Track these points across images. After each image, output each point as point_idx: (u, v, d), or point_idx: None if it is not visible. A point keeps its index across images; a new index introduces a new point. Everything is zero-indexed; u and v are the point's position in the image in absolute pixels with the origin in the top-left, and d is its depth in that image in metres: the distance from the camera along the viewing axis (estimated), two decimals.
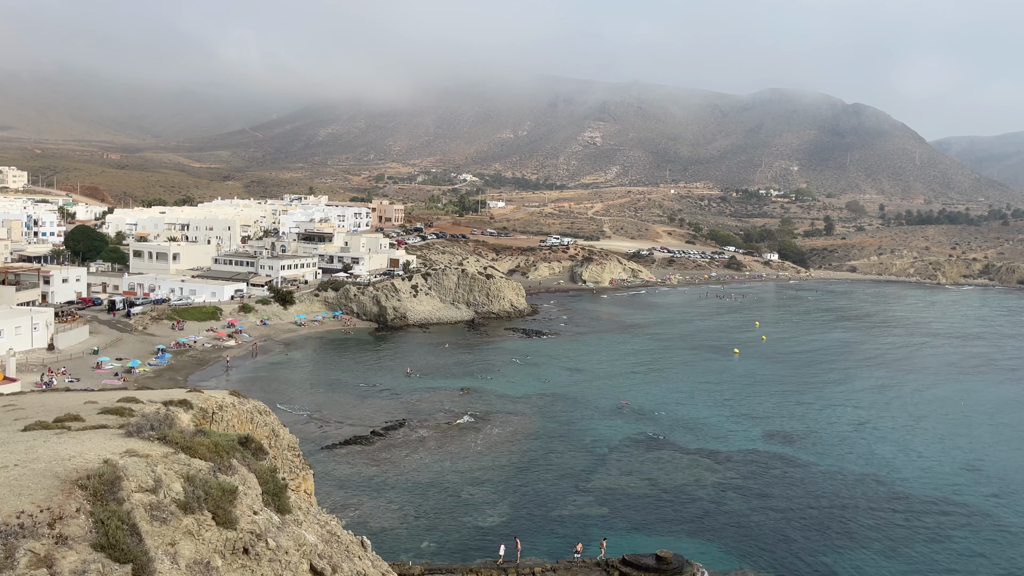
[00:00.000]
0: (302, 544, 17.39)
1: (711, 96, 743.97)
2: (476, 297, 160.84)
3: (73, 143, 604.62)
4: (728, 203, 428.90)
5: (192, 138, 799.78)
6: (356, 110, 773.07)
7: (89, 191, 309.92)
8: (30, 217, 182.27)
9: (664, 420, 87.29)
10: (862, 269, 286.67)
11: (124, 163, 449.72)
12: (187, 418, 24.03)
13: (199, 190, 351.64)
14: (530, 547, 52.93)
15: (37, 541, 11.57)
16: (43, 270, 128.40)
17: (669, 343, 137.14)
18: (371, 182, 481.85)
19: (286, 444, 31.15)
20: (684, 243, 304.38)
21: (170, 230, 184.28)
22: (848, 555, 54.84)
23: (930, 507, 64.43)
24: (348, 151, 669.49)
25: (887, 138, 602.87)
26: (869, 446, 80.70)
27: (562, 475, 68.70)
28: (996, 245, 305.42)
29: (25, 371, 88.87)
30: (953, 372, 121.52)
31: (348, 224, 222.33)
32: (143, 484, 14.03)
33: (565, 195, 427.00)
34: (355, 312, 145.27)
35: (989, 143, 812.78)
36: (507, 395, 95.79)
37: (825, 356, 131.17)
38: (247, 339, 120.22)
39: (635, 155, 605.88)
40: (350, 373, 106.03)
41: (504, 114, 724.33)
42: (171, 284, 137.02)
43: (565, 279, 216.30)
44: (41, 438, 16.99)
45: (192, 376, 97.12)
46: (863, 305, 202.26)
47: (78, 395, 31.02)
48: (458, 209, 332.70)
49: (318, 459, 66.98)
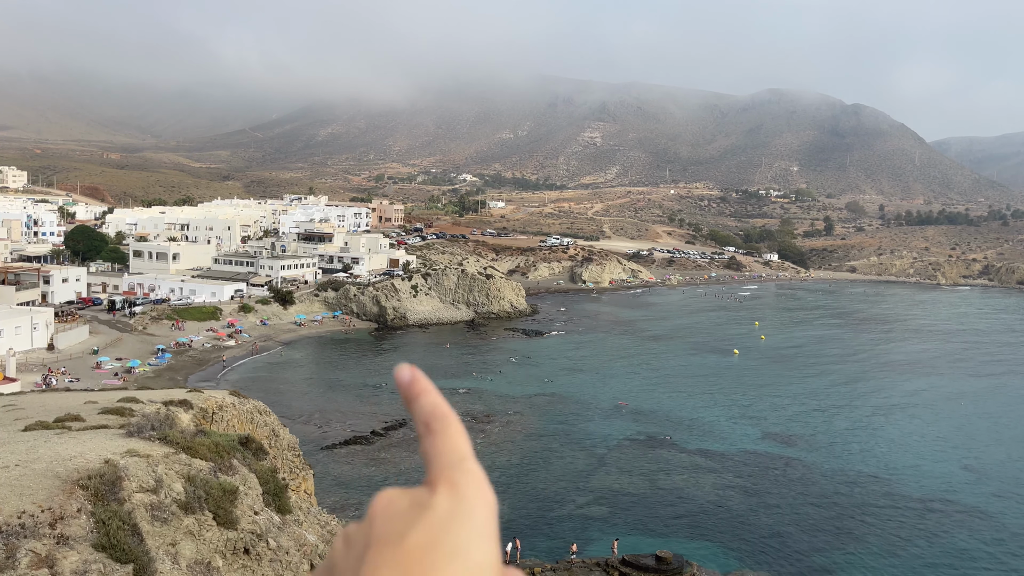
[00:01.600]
0: (303, 544, 17.40)
1: (710, 96, 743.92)
2: (476, 297, 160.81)
3: (73, 143, 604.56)
4: (728, 203, 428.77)
5: (192, 138, 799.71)
6: (355, 110, 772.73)
7: (89, 191, 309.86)
8: (30, 217, 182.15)
9: (664, 420, 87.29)
10: (862, 270, 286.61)
11: (124, 163, 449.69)
12: (187, 418, 24.04)
13: (199, 190, 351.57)
14: (529, 547, 52.96)
15: (38, 541, 11.58)
16: (43, 270, 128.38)
17: (669, 343, 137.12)
18: (371, 182, 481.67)
19: (286, 444, 31.17)
20: (684, 243, 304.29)
21: (170, 230, 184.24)
22: (847, 555, 54.87)
23: (929, 507, 64.44)
24: (348, 151, 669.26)
25: (886, 138, 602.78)
26: (868, 446, 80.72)
27: (561, 475, 68.72)
28: (996, 246, 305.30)
29: (25, 371, 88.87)
30: (952, 372, 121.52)
31: (348, 224, 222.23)
32: (144, 484, 14.04)
33: (565, 195, 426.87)
34: (355, 312, 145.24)
35: (988, 144, 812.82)
36: (507, 395, 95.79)
37: (824, 356, 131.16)
38: (247, 339, 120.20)
39: (635, 155, 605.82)
40: (350, 373, 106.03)
41: (503, 114, 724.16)
42: (171, 284, 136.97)
43: (565, 279, 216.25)
44: (42, 438, 16.98)
45: (192, 376, 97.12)
46: (863, 306, 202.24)
47: (78, 395, 31.04)
48: (458, 209, 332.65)
49: (318, 459, 66.96)
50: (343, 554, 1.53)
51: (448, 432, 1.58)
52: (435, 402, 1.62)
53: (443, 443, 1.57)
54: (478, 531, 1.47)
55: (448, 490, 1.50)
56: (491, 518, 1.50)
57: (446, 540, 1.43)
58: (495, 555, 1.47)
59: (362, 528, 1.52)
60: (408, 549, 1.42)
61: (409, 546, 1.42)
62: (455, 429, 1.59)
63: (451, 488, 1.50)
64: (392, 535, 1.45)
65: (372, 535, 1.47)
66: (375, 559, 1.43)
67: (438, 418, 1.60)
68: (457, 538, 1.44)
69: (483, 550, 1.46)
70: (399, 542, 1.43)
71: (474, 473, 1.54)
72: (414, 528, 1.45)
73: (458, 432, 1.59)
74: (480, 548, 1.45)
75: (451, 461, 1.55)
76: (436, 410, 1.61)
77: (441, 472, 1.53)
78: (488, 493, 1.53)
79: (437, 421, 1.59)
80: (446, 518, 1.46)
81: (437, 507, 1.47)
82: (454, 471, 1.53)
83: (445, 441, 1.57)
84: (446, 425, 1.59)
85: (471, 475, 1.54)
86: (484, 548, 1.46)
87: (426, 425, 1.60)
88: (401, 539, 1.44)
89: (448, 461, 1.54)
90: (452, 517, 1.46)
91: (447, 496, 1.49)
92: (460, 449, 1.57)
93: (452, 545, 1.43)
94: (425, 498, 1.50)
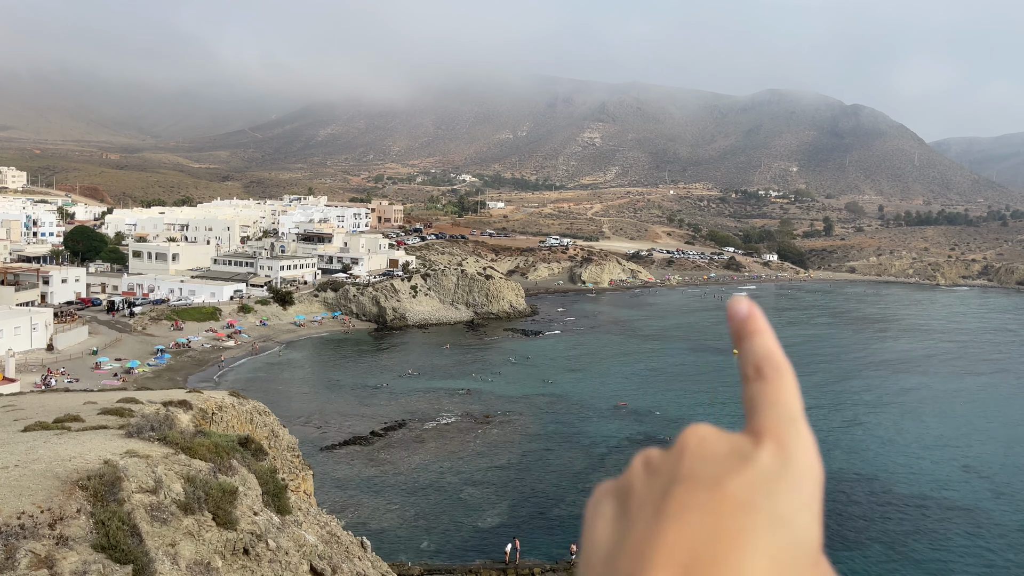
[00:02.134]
0: (302, 545, 17.40)
1: (709, 97, 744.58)
2: (475, 298, 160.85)
3: (72, 143, 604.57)
4: (727, 204, 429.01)
5: (191, 138, 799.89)
6: (355, 110, 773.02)
7: (88, 191, 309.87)
8: (29, 217, 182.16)
9: (663, 420, 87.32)
10: (861, 270, 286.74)
11: (123, 163, 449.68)
12: (187, 419, 24.04)
13: (198, 190, 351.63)
14: (529, 548, 52.98)
15: (38, 542, 11.58)
16: (42, 270, 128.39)
17: (668, 344, 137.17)
18: (370, 183, 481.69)
19: (285, 444, 31.17)
20: (683, 244, 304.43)
21: (169, 230, 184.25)
22: (846, 556, 54.89)
23: (928, 507, 64.47)
24: (347, 151, 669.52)
25: (886, 139, 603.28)
26: (867, 446, 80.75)
27: (561, 475, 68.75)
28: (995, 246, 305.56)
29: (24, 371, 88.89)
30: (951, 372, 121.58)
31: (347, 225, 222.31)
32: (143, 485, 14.04)
33: (564, 196, 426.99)
34: (354, 313, 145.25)
35: (987, 144, 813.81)
36: (506, 395, 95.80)
37: (823, 357, 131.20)
38: (246, 339, 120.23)
39: (634, 156, 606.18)
40: (349, 373, 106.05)
41: (503, 115, 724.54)
42: (170, 284, 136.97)
43: (564, 280, 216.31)
44: (41, 439, 16.99)
45: (191, 377, 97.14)
46: (861, 306, 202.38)
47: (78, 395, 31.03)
48: (457, 210, 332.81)
49: (317, 460, 66.93)
50: (643, 480, 1.34)
51: (783, 383, 1.39)
52: (771, 347, 1.46)
53: (775, 393, 1.37)
54: (805, 502, 1.24)
55: (776, 447, 1.29)
56: (818, 491, 1.28)
57: (769, 503, 1.21)
58: (818, 534, 1.24)
59: (669, 458, 1.34)
60: (725, 498, 1.21)
61: (726, 495, 1.21)
62: (790, 383, 1.40)
63: (779, 446, 1.29)
64: (706, 478, 1.24)
65: (681, 470, 1.28)
66: (684, 498, 1.22)
67: (773, 365, 1.42)
68: (781, 503, 1.22)
69: (808, 525, 1.23)
70: (715, 487, 1.22)
71: (806, 437, 1.32)
72: (733, 477, 1.24)
73: (792, 387, 1.40)
74: (805, 522, 1.23)
75: (781, 416, 1.33)
76: (772, 356, 1.44)
77: (769, 425, 1.32)
78: (818, 463, 1.31)
79: (771, 368, 1.41)
80: (772, 477, 1.24)
81: (762, 462, 1.26)
82: (785, 428, 1.32)
83: (778, 392, 1.37)
84: (781, 375, 1.40)
85: (803, 438, 1.31)
86: (809, 523, 1.23)
87: (757, 368, 1.42)
88: (718, 485, 1.23)
89: (779, 415, 1.34)
90: (778, 478, 1.25)
91: (774, 453, 1.28)
92: (792, 407, 1.36)
93: (775, 510, 1.21)
94: (747, 448, 1.29)
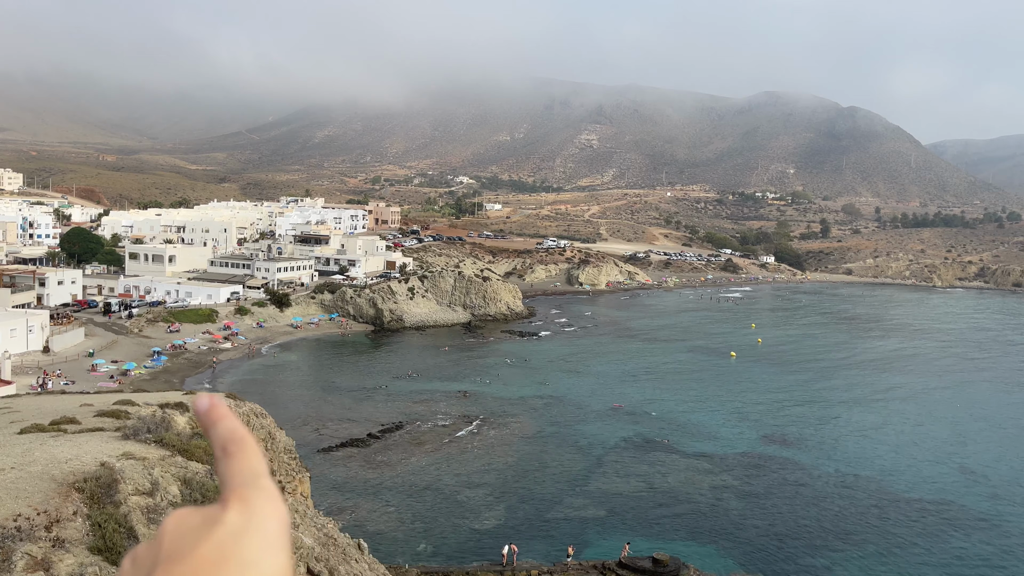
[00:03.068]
0: (299, 547, 17.36)
1: (706, 99, 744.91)
2: (473, 299, 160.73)
3: (69, 145, 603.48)
4: (724, 206, 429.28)
5: (188, 140, 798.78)
6: (352, 112, 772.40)
7: (85, 193, 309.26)
8: (25, 219, 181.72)
9: (660, 422, 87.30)
10: (858, 272, 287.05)
11: (120, 165, 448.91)
12: (183, 421, 23.99)
13: (195, 192, 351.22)
14: (526, 550, 52.91)
15: (34, 544, 11.54)
16: (38, 272, 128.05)
17: (665, 345, 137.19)
18: (367, 184, 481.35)
19: (282, 447, 31.11)
20: (680, 246, 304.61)
21: (166, 232, 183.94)
22: (845, 557, 54.90)
23: (927, 508, 64.52)
24: (344, 153, 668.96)
25: (882, 141, 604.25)
26: (865, 448, 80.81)
27: (558, 477, 68.69)
28: (991, 248, 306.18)
29: (20, 374, 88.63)
30: (950, 373, 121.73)
31: (344, 227, 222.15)
32: (140, 487, 14.00)
33: (562, 198, 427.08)
34: (351, 314, 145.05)
35: (983, 146, 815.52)
36: (503, 397, 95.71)
37: (821, 358, 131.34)
38: (243, 341, 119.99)
39: (631, 158, 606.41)
40: (346, 376, 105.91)
41: (500, 117, 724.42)
42: (167, 286, 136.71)
43: (562, 281, 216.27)
44: (37, 441, 16.93)
45: (188, 379, 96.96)
46: (858, 308, 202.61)
47: (74, 398, 30.96)
48: (455, 211, 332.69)
49: (314, 462, 66.81)
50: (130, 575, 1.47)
51: (244, 453, 1.58)
52: (232, 427, 1.62)
53: (238, 463, 1.56)
54: (269, 543, 1.46)
55: (240, 505, 1.49)
56: (283, 531, 1.50)
57: (236, 553, 1.42)
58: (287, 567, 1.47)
59: (151, 547, 1.48)
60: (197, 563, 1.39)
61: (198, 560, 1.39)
62: (251, 450, 1.59)
63: (243, 503, 1.49)
64: (182, 551, 1.42)
65: (161, 553, 1.44)
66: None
67: (235, 441, 1.59)
68: (247, 551, 1.43)
69: (274, 562, 1.46)
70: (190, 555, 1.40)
71: (267, 489, 1.54)
72: (204, 542, 1.42)
73: (254, 452, 1.59)
74: (271, 560, 1.45)
75: (245, 479, 1.54)
76: (233, 434, 1.61)
77: (234, 490, 1.52)
78: (280, 507, 1.53)
79: (234, 444, 1.59)
80: (237, 532, 1.45)
81: (228, 522, 1.46)
82: (247, 488, 1.52)
83: (241, 461, 1.57)
84: (243, 447, 1.59)
85: (264, 491, 1.53)
86: (275, 560, 1.46)
87: (223, 449, 1.59)
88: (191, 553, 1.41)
89: (242, 479, 1.54)
90: (243, 531, 1.45)
91: (238, 511, 1.48)
92: (255, 468, 1.56)
93: (242, 557, 1.42)
94: (217, 514, 1.48)
